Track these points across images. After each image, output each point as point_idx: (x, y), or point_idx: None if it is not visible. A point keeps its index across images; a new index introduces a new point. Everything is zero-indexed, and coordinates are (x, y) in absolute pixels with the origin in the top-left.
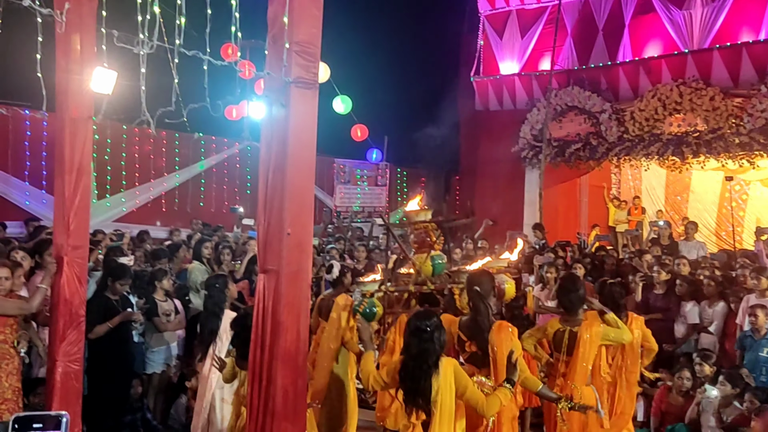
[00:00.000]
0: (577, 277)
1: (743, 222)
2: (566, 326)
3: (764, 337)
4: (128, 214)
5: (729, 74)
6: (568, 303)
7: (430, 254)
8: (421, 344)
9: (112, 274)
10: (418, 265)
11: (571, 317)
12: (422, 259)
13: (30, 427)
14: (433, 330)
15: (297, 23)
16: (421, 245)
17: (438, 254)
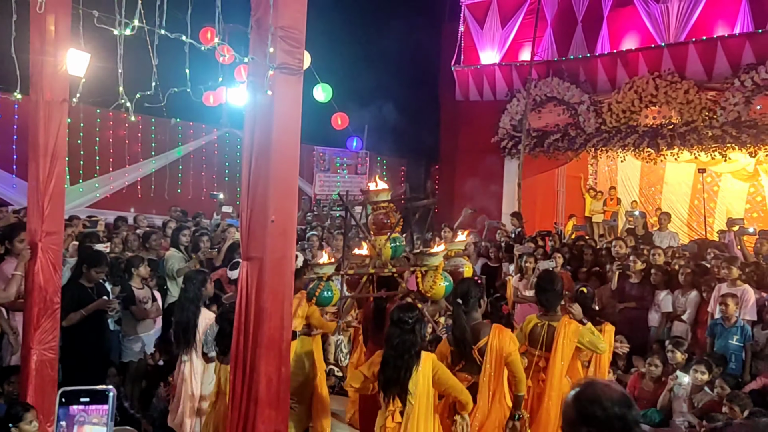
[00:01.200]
0: (554, 275)
1: (714, 213)
2: (545, 320)
3: (734, 325)
4: (102, 200)
5: (703, 68)
6: (546, 301)
7: (390, 236)
8: (402, 335)
9: (87, 261)
10: (378, 248)
11: (549, 312)
12: (382, 242)
13: (77, 400)
14: (414, 322)
15: (282, 7)
16: (380, 227)
17: (398, 236)
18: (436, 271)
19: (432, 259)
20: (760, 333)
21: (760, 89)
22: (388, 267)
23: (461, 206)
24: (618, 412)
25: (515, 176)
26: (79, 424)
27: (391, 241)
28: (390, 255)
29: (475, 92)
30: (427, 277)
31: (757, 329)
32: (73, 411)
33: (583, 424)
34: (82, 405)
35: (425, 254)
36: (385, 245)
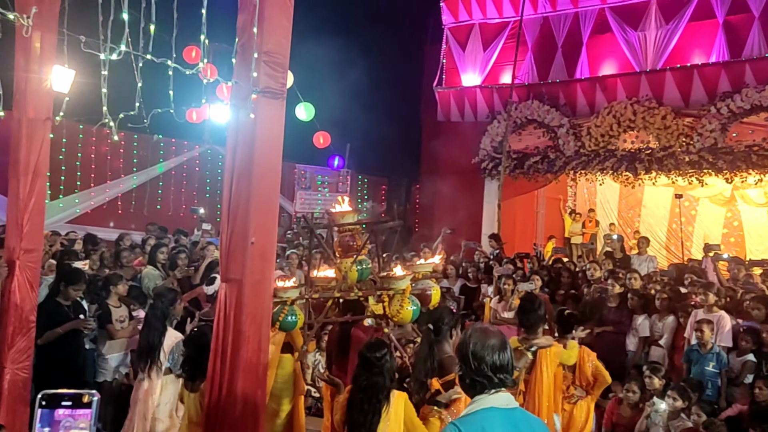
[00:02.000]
0: (536, 297)
1: (692, 237)
2: (525, 344)
3: (710, 352)
4: (82, 216)
5: (680, 95)
6: (528, 323)
7: (356, 259)
8: (371, 378)
9: (65, 278)
10: (344, 271)
11: (530, 336)
12: (348, 265)
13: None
14: (383, 362)
15: (267, 33)
16: (345, 249)
17: (364, 259)
18: (403, 295)
19: (398, 283)
20: (735, 360)
21: (735, 116)
22: (354, 291)
23: (441, 226)
24: (477, 351)
25: (495, 197)
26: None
27: (357, 264)
28: (356, 278)
29: (456, 113)
30: (393, 300)
31: (733, 356)
32: (58, 415)
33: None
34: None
35: (391, 277)
36: (351, 268)
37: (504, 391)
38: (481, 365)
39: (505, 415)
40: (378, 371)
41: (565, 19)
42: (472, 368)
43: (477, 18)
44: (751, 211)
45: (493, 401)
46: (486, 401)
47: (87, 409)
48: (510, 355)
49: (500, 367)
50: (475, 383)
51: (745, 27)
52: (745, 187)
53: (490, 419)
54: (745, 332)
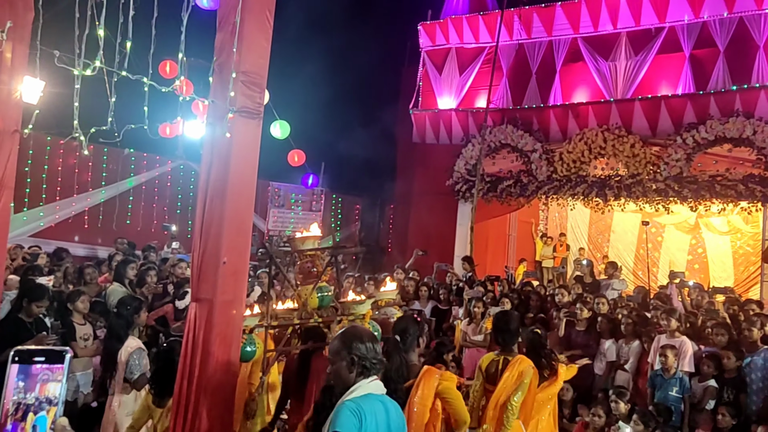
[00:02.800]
0: (510, 315)
1: (658, 263)
2: (501, 356)
3: (673, 377)
4: (46, 230)
5: (648, 124)
6: (502, 341)
7: (316, 285)
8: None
9: (28, 294)
10: (304, 297)
11: (505, 351)
12: (308, 291)
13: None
14: None
15: (245, 53)
16: (306, 276)
17: (325, 285)
18: (364, 320)
19: (359, 308)
20: (697, 385)
21: (700, 147)
22: (314, 317)
23: (415, 247)
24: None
25: (468, 219)
26: (42, 382)
27: (318, 291)
28: (317, 304)
29: (431, 135)
30: None
31: (695, 381)
32: (36, 369)
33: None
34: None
35: (351, 302)
36: (311, 294)
37: (377, 378)
38: (361, 352)
39: (381, 401)
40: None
41: (539, 47)
42: (357, 356)
43: (454, 42)
44: (715, 238)
45: (371, 388)
46: (367, 387)
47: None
48: (375, 345)
49: (373, 355)
50: (361, 369)
51: (711, 61)
52: (709, 215)
53: (372, 404)
54: (707, 358)
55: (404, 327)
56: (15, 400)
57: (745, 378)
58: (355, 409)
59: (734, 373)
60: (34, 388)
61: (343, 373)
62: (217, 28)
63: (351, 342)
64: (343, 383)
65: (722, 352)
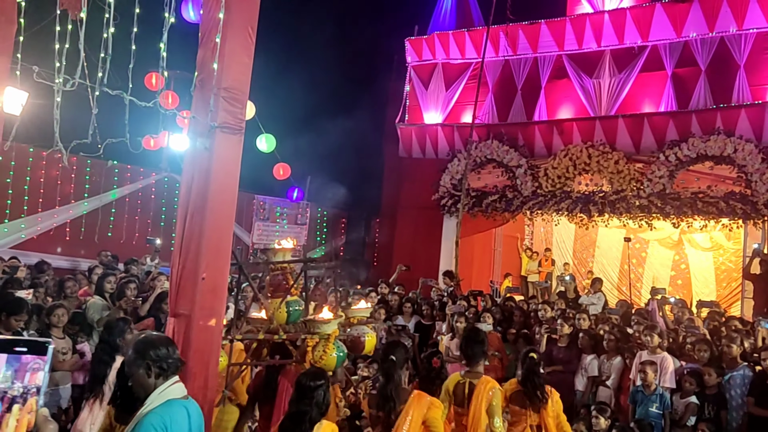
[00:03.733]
0: (479, 330)
1: (642, 278)
2: (466, 378)
3: (654, 393)
4: (27, 241)
5: (632, 141)
6: (470, 354)
7: (285, 299)
8: (299, 405)
9: (6, 308)
10: (271, 311)
11: (472, 369)
12: (276, 304)
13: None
14: (316, 393)
15: (226, 69)
16: (276, 288)
17: (295, 300)
18: (328, 341)
19: (324, 327)
20: (679, 401)
21: (682, 164)
22: (279, 333)
23: (399, 260)
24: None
25: (453, 234)
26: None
27: (288, 305)
28: (285, 320)
29: (417, 150)
30: (318, 346)
31: (676, 397)
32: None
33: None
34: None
35: (317, 321)
36: (279, 308)
37: (178, 380)
38: (157, 356)
39: (184, 405)
40: (308, 402)
41: (524, 63)
42: (152, 359)
43: (440, 58)
44: (698, 254)
45: (172, 392)
46: (168, 393)
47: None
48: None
49: (170, 358)
50: (159, 371)
51: (692, 79)
52: (692, 231)
53: (174, 412)
54: (688, 374)
55: (395, 350)
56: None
57: (725, 394)
58: (158, 423)
59: (715, 389)
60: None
61: (143, 380)
62: (199, 44)
63: (145, 349)
64: (145, 390)
65: (703, 369)
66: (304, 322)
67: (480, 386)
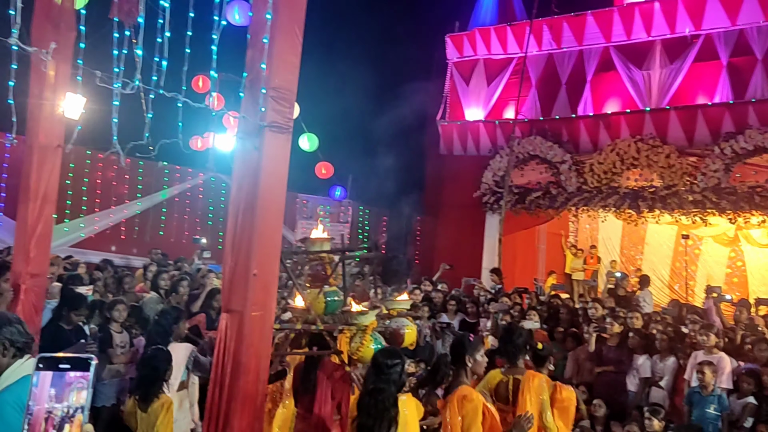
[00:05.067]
0: (517, 327)
1: (695, 276)
2: (509, 375)
3: (711, 394)
4: (85, 240)
5: (684, 134)
6: (509, 351)
7: (323, 290)
8: (378, 383)
9: (68, 303)
10: (309, 302)
11: (512, 366)
12: (314, 295)
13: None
14: (392, 371)
15: (275, 69)
16: (315, 279)
17: (333, 290)
18: (365, 332)
19: (362, 318)
20: (736, 402)
21: (739, 157)
22: (317, 323)
23: (441, 259)
24: None
25: (496, 231)
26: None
27: (326, 296)
28: (323, 310)
29: (459, 147)
30: (355, 337)
31: (733, 398)
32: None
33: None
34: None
35: (355, 312)
36: (317, 299)
37: (31, 357)
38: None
39: None
40: (385, 378)
41: (569, 57)
42: (8, 339)
43: (481, 54)
44: (755, 251)
45: (26, 369)
46: (21, 370)
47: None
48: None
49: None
50: (15, 350)
51: (749, 69)
52: (748, 227)
53: None
54: (745, 374)
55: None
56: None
57: None
58: (14, 401)
59: None
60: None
61: None
62: (248, 45)
63: None
64: None
65: (762, 369)
66: (342, 312)
67: (526, 382)
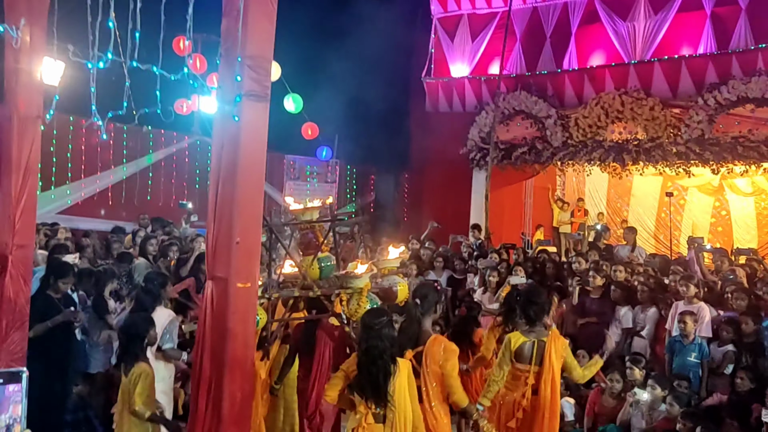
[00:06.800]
0: (539, 290)
1: (680, 226)
2: (532, 338)
3: (692, 343)
4: (73, 207)
5: (668, 86)
6: (530, 314)
7: (316, 256)
8: (370, 341)
9: (54, 272)
10: (304, 268)
11: (534, 329)
12: (308, 262)
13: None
14: (380, 328)
15: (250, 37)
16: (307, 246)
17: (326, 256)
18: (361, 294)
19: (356, 282)
20: (716, 350)
21: (722, 108)
22: (313, 289)
23: (430, 216)
24: None
25: (483, 188)
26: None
27: (319, 262)
28: (317, 275)
29: (444, 104)
30: (352, 299)
31: (713, 346)
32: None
33: None
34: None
35: (349, 276)
36: (311, 265)
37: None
38: None
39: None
40: (375, 335)
41: (554, 10)
42: None
43: (465, 8)
44: (739, 200)
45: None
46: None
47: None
48: None
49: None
50: None
51: (732, 19)
52: (733, 177)
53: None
54: (725, 323)
55: (425, 293)
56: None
57: (763, 342)
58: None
59: (753, 337)
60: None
61: None
62: (223, 14)
63: None
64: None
65: (740, 317)
66: (336, 277)
67: (551, 343)
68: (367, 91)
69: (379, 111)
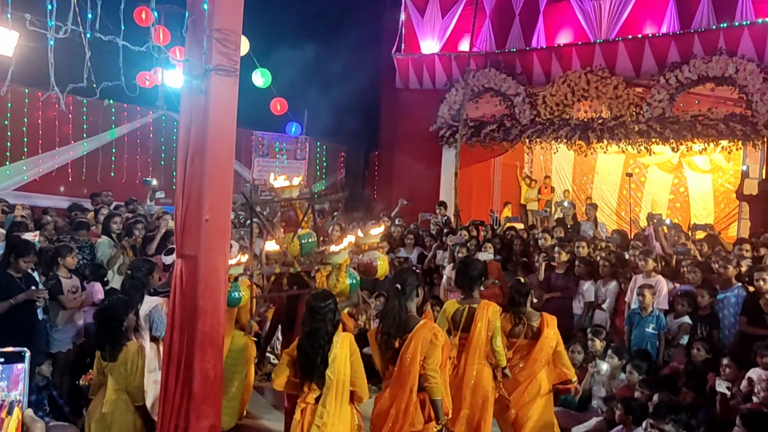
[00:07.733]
0: (472, 260)
1: (641, 202)
2: (465, 304)
3: (650, 315)
4: (30, 183)
5: (632, 65)
6: (464, 284)
7: (297, 233)
8: (313, 323)
9: (15, 251)
10: (285, 245)
11: (468, 296)
12: (289, 239)
13: None
14: (326, 311)
15: (218, 10)
16: (287, 223)
17: (307, 233)
18: (340, 269)
19: (335, 257)
20: (672, 322)
21: (683, 87)
22: (294, 265)
23: (399, 193)
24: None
25: (452, 165)
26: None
27: (300, 239)
28: (298, 252)
29: (414, 81)
30: (331, 275)
31: (670, 318)
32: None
33: None
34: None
35: (328, 252)
36: (292, 242)
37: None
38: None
39: None
40: (320, 318)
41: None
42: None
43: None
44: (697, 177)
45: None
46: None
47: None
48: None
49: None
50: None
51: None
52: (692, 154)
53: None
54: (681, 296)
55: (404, 278)
56: None
57: (718, 314)
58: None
59: (708, 310)
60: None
61: None
62: None
63: None
64: None
65: (696, 290)
66: (316, 253)
67: (480, 310)
68: (338, 67)
69: (349, 87)
